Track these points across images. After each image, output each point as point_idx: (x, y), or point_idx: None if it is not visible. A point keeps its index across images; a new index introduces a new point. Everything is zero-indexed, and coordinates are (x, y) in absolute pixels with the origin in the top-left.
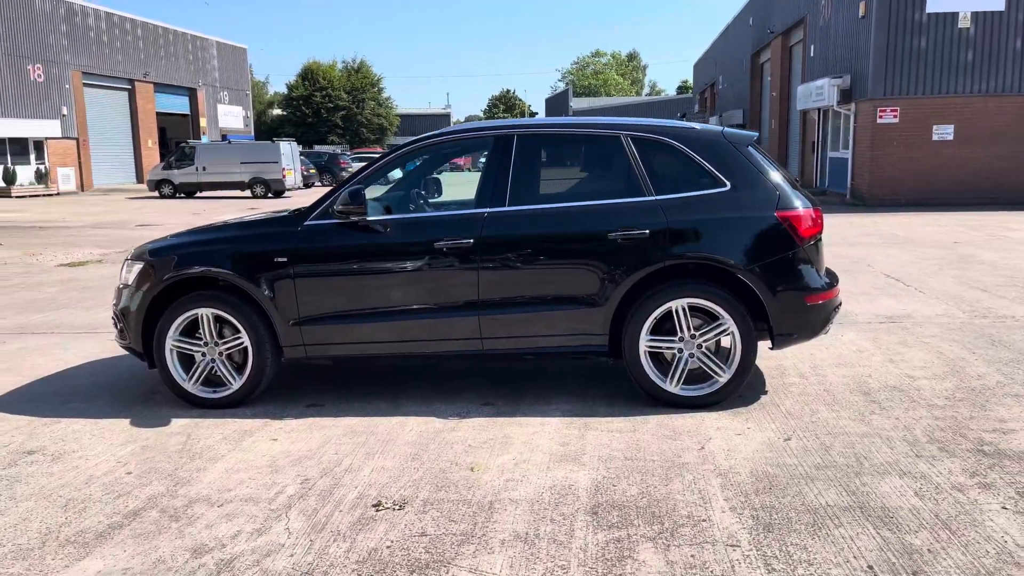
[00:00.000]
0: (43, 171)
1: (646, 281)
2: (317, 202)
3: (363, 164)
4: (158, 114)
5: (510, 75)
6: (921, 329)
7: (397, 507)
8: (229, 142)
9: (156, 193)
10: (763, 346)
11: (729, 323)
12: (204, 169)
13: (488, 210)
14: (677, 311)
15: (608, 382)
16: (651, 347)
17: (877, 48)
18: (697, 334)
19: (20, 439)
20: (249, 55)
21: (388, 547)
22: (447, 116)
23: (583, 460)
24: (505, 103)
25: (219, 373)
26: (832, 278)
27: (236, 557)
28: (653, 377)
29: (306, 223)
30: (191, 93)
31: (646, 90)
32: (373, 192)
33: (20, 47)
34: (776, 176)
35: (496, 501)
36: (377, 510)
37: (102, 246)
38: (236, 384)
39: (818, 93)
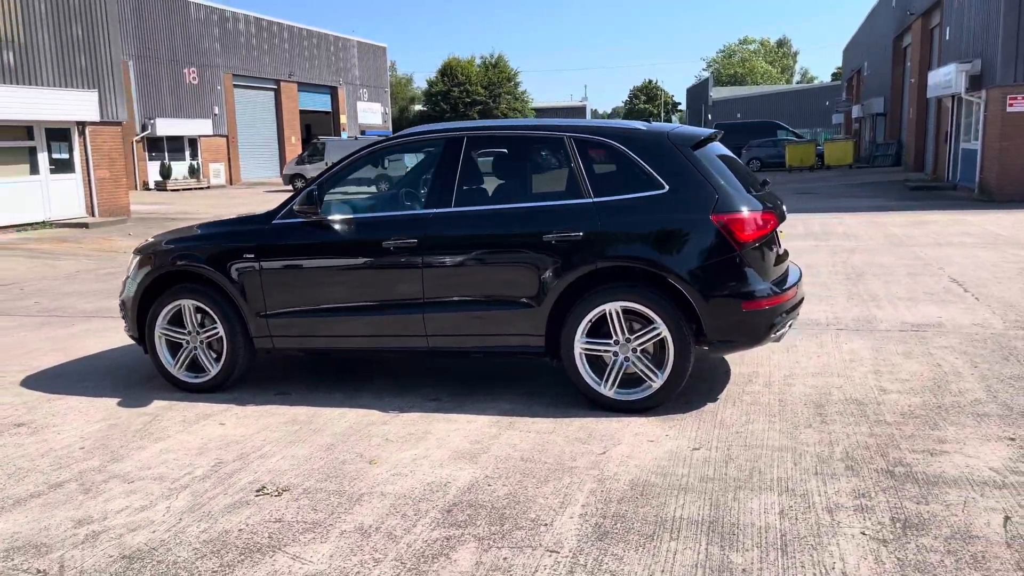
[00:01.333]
0: (195, 166)
1: (581, 284)
2: (285, 201)
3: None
4: (301, 112)
5: (652, 65)
6: (940, 339)
7: (276, 494)
8: (356, 139)
9: (290, 187)
10: (747, 352)
11: (662, 328)
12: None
13: (434, 211)
14: (611, 314)
15: (567, 382)
16: (587, 349)
17: (1007, 30)
18: (632, 338)
19: (19, 412)
20: (389, 53)
21: (240, 530)
22: (583, 108)
23: (480, 459)
24: (646, 94)
25: (200, 360)
26: (784, 282)
27: (107, 530)
28: (588, 380)
29: (274, 221)
30: (332, 91)
31: (796, 78)
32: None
33: (178, 53)
34: (719, 178)
35: (368, 494)
36: (257, 495)
37: None
38: (213, 371)
39: (946, 80)
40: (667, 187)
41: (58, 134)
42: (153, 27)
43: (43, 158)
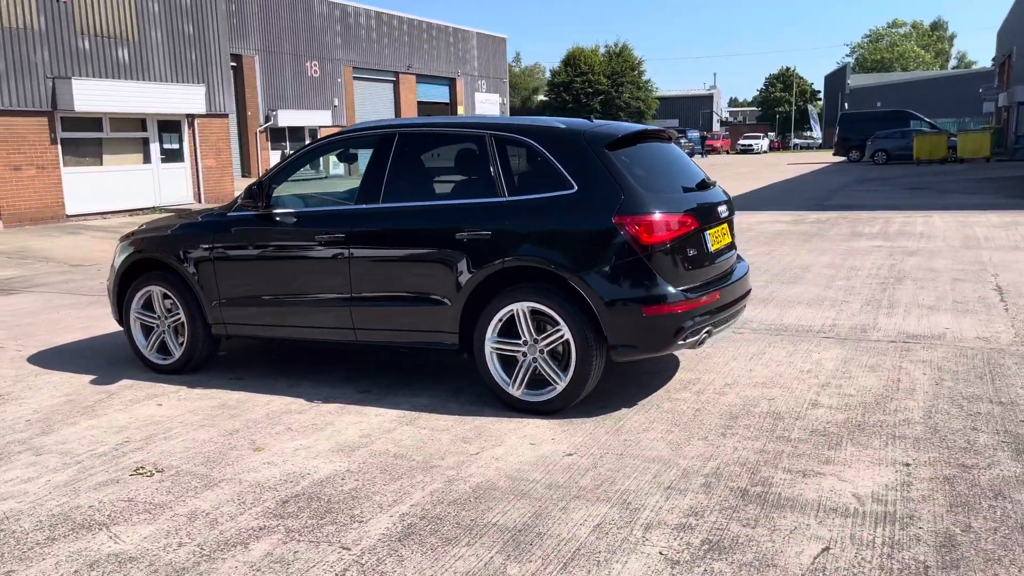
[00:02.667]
0: None
1: (491, 283)
2: (239, 195)
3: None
4: (419, 103)
5: (789, 52)
6: (926, 352)
7: (149, 474)
8: None
9: None
10: (691, 354)
11: (565, 330)
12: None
13: (362, 206)
14: (519, 314)
15: None
16: (498, 349)
17: None
18: (540, 339)
19: (5, 385)
20: (513, 44)
21: (90, 507)
22: (710, 97)
23: (356, 453)
24: (783, 81)
25: (167, 343)
26: (712, 284)
27: None
28: (498, 379)
29: (228, 214)
30: (451, 83)
31: (952, 62)
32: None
33: (300, 47)
34: (630, 178)
35: (227, 480)
36: (132, 475)
37: None
38: (177, 354)
39: None
40: (576, 187)
41: (169, 126)
42: (278, 23)
43: (155, 148)
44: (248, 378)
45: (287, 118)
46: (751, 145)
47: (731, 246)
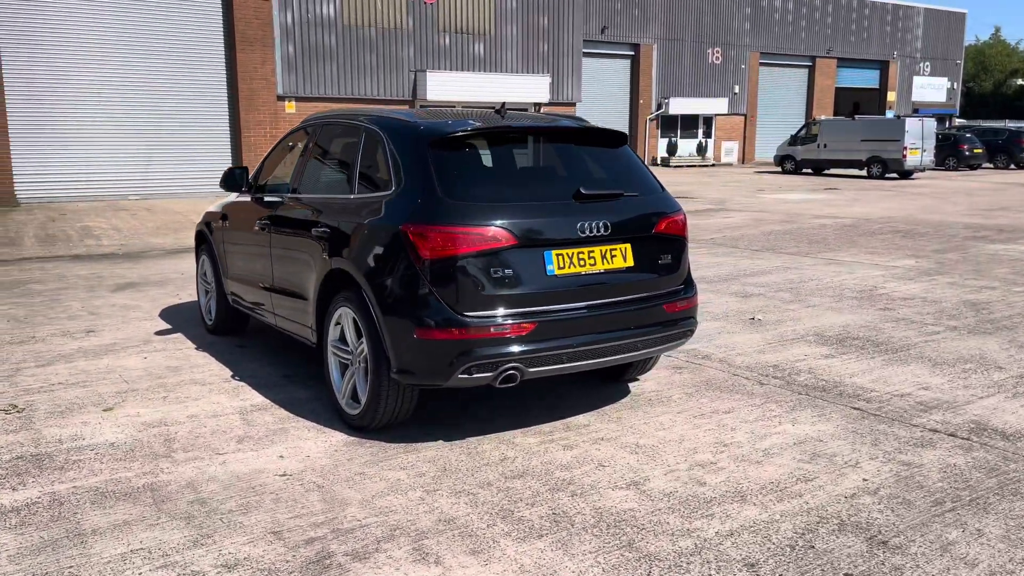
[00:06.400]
0: (702, 144)
1: (332, 283)
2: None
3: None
4: (838, 89)
5: None
6: (941, 453)
7: (6, 412)
8: (899, 117)
9: (779, 168)
10: (641, 397)
11: (364, 343)
12: (825, 146)
13: (283, 195)
14: (344, 320)
15: None
16: (335, 353)
17: None
18: (358, 348)
19: (114, 323)
20: (989, 18)
21: None
22: None
23: (152, 429)
24: None
25: (211, 308)
26: (511, 316)
27: None
28: (333, 383)
29: (236, 196)
30: (882, 66)
31: None
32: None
33: (703, 34)
34: (437, 181)
35: (29, 431)
36: None
37: None
38: (212, 317)
39: None
40: (394, 188)
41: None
42: (682, 11)
43: None
44: (248, 347)
45: (679, 106)
46: None
47: (626, 271)
